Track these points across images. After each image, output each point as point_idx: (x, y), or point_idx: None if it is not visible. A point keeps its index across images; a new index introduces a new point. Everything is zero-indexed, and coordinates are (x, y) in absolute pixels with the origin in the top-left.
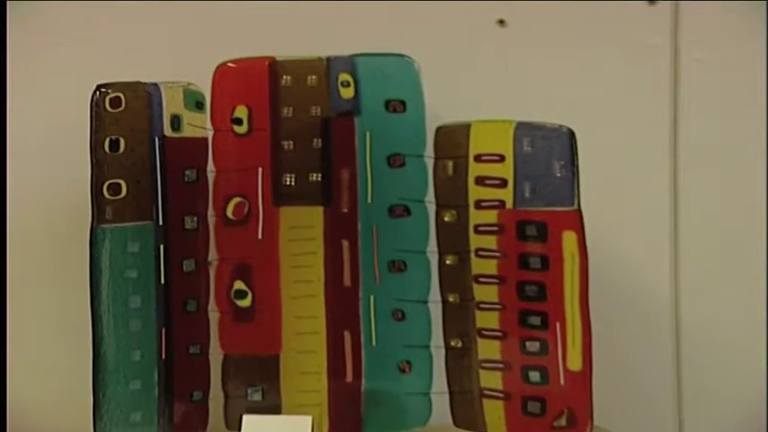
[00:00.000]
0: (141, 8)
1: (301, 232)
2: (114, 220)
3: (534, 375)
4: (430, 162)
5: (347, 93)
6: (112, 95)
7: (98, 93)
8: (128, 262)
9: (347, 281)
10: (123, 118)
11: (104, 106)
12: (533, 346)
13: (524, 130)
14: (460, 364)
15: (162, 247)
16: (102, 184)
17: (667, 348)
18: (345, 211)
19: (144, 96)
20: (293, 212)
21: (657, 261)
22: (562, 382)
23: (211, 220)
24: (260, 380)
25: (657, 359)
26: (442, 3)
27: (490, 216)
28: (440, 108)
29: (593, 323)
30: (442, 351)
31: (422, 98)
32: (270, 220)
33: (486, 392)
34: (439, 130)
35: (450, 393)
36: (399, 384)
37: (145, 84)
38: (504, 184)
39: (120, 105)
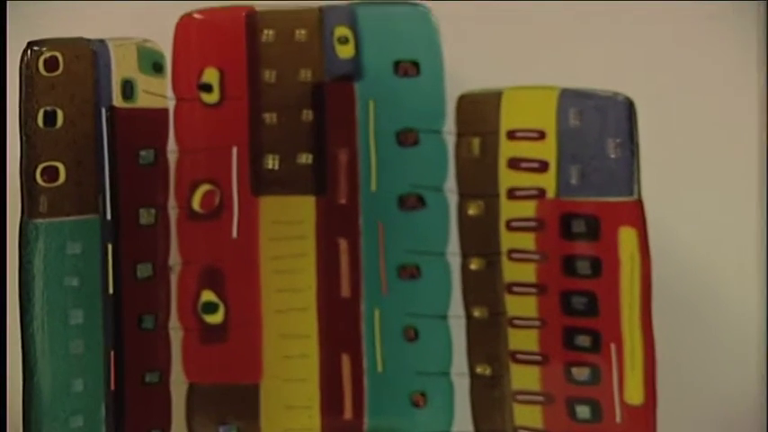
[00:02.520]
0: None
1: (287, 229)
2: (50, 213)
3: (583, 411)
4: (450, 139)
5: (346, 51)
6: (47, 55)
7: (29, 52)
8: (67, 266)
9: (346, 290)
10: (61, 84)
11: (37, 69)
12: (582, 373)
13: (570, 98)
14: (490, 396)
15: (110, 247)
16: (35, 167)
17: (753, 375)
18: (343, 202)
19: (88, 56)
20: (277, 203)
21: (741, 264)
22: (618, 419)
23: (173, 212)
24: (235, 416)
25: (740, 389)
26: None
27: (527, 208)
28: (463, 71)
29: (658, 344)
30: (467, 380)
31: (440, 58)
32: (247, 214)
33: None
34: (462, 99)
35: None
36: (411, 422)
37: (88, 40)
38: (544, 167)
39: (57, 68)
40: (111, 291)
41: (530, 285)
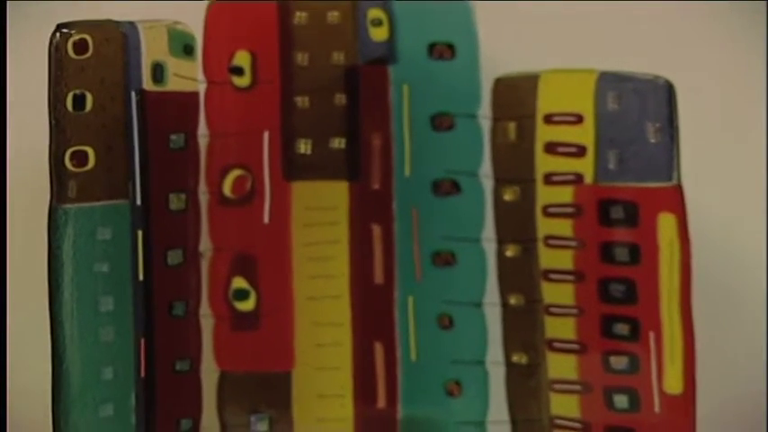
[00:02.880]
0: None
1: (320, 215)
2: (79, 198)
3: (621, 400)
4: (486, 124)
5: (379, 34)
6: (77, 38)
7: (58, 34)
8: (97, 252)
9: (379, 277)
10: (91, 67)
11: (66, 52)
12: (620, 362)
13: (609, 82)
14: (526, 385)
15: (140, 233)
16: (64, 152)
17: None
18: (377, 187)
19: (118, 38)
20: (309, 189)
21: None
22: (657, 408)
23: (204, 198)
24: (266, 405)
25: None
26: None
27: (564, 194)
28: (499, 54)
29: (698, 333)
30: (502, 368)
31: (476, 41)
32: (279, 199)
33: (559, 422)
34: (498, 82)
35: (513, 423)
36: (446, 411)
37: (118, 23)
38: (582, 152)
39: (86, 51)
40: (141, 277)
41: (567, 272)
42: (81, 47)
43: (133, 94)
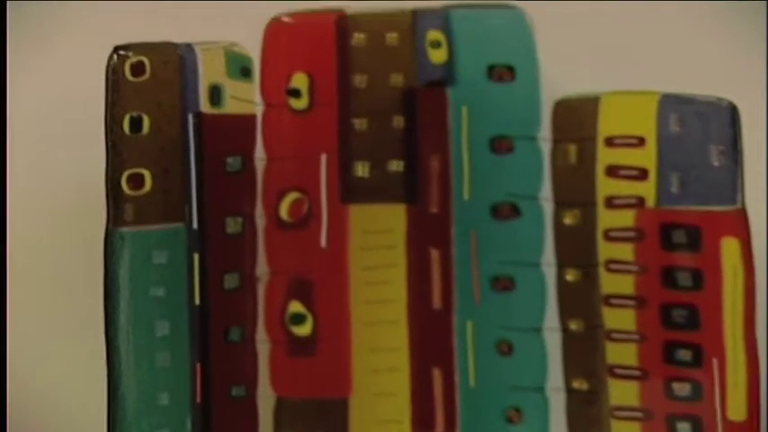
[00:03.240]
0: None
1: (378, 238)
2: (136, 221)
3: (684, 428)
4: (546, 146)
5: (438, 56)
6: (134, 60)
7: (115, 56)
8: (153, 276)
9: (437, 302)
10: (148, 89)
11: (124, 74)
12: (683, 389)
13: (671, 104)
14: (587, 412)
15: (197, 257)
16: (121, 174)
17: None
18: (435, 210)
19: (175, 61)
20: (367, 212)
21: None
22: None
23: (261, 221)
24: (323, 431)
25: None
26: None
27: (626, 218)
28: (559, 76)
29: (763, 359)
30: (563, 395)
31: (536, 63)
32: (336, 223)
33: None
34: (558, 104)
35: None
36: None
37: (176, 45)
38: (644, 175)
39: (143, 73)
40: (197, 302)
41: (628, 298)
42: (138, 69)
43: (190, 116)
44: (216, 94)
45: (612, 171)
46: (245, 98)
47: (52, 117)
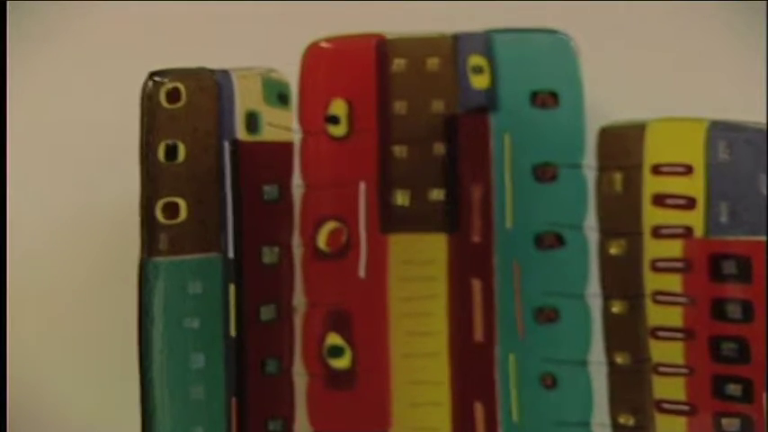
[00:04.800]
0: None
1: (418, 269)
2: (170, 251)
3: None
4: (591, 174)
5: (481, 81)
6: (170, 86)
7: (151, 83)
8: (188, 307)
9: (479, 334)
10: (183, 116)
11: (159, 100)
12: (732, 424)
13: (720, 131)
14: None
15: (233, 287)
16: (155, 203)
17: None
18: (477, 240)
19: (211, 87)
20: (407, 242)
21: None
22: None
23: (298, 251)
24: None
25: None
26: None
27: (673, 248)
28: (604, 102)
29: None
30: (608, 431)
31: (580, 89)
32: (376, 253)
33: None
34: (604, 131)
35: None
36: None
37: (212, 71)
38: (691, 204)
39: (179, 99)
40: (233, 333)
41: (676, 330)
42: (174, 95)
43: (226, 144)
44: (253, 121)
45: (659, 200)
46: (283, 125)
47: (86, 143)
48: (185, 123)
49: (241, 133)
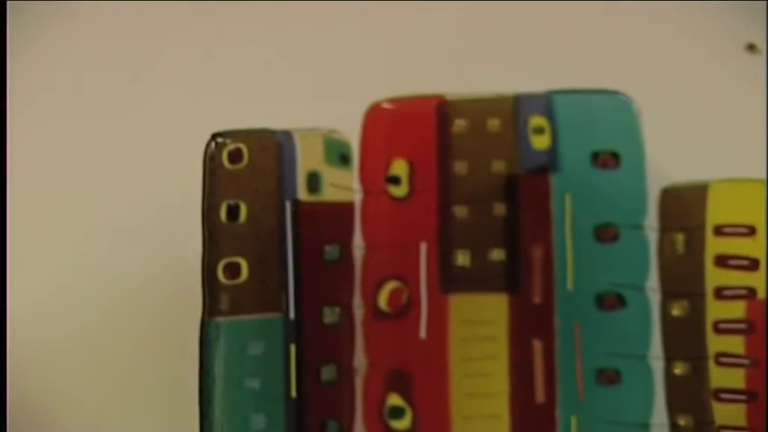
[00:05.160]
0: (263, 30)
1: (479, 329)
2: (232, 311)
3: None
4: (653, 235)
5: (541, 142)
6: (232, 147)
7: (213, 143)
8: (249, 368)
9: (540, 396)
10: (245, 176)
11: (221, 161)
12: None
13: None
14: None
15: (293, 347)
16: (217, 263)
17: None
18: (538, 300)
19: (273, 148)
20: (468, 302)
21: None
22: None
23: (359, 311)
24: None
25: None
26: (669, 22)
27: (736, 309)
28: (666, 163)
29: None
30: None
31: (642, 150)
32: (436, 313)
33: None
34: (665, 192)
35: None
36: None
37: (274, 131)
38: (754, 265)
39: (241, 160)
40: (293, 394)
41: (739, 392)
42: (236, 156)
43: (288, 204)
44: (314, 181)
45: (721, 261)
46: (344, 185)
47: (147, 203)
48: (247, 184)
49: (302, 193)
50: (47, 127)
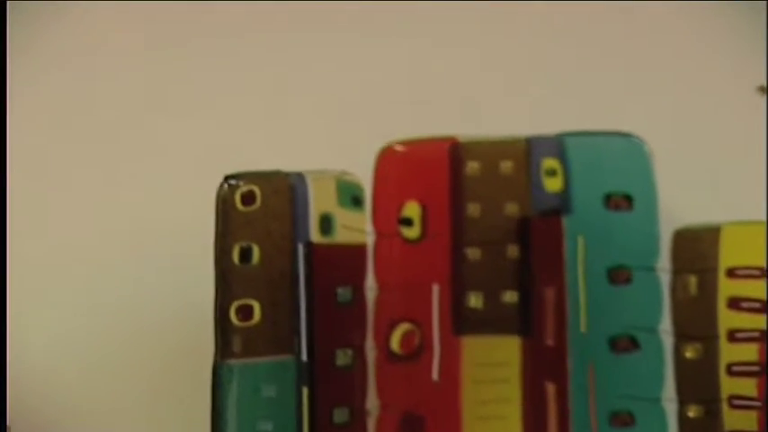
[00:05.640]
0: (277, 71)
1: (491, 371)
2: (244, 353)
3: None
4: (666, 277)
5: (554, 184)
6: (245, 189)
7: (226, 185)
8: (262, 410)
9: None
10: (258, 219)
11: (234, 203)
12: None
13: None
14: None
15: (306, 390)
16: (229, 305)
17: None
18: (551, 343)
19: (285, 190)
20: (480, 344)
21: None
22: None
23: (371, 354)
24: None
25: None
26: (681, 65)
27: (749, 352)
28: (677, 205)
29: None
30: None
31: (654, 192)
32: (449, 355)
33: None
34: (678, 234)
35: None
36: None
37: (287, 173)
38: (766, 308)
39: (254, 202)
40: None
41: None
42: (248, 199)
43: (300, 246)
44: (326, 223)
45: (734, 303)
46: (356, 227)
47: (158, 244)
48: (260, 226)
49: (315, 235)
50: (57, 160)
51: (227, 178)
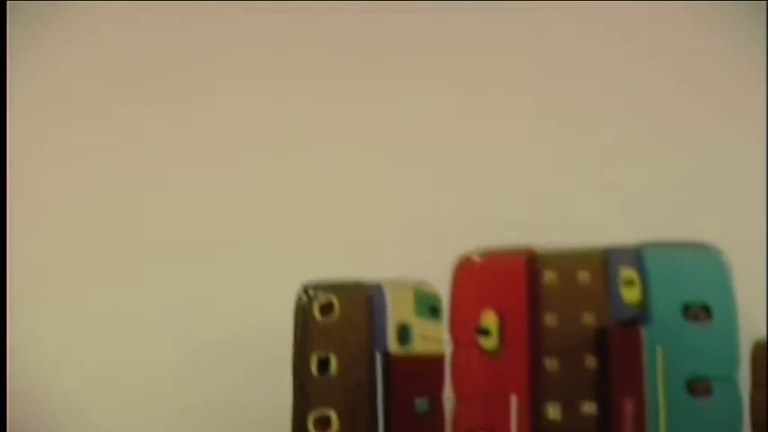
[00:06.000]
0: (350, 183)
1: None
2: None
3: None
4: (745, 388)
5: (632, 295)
6: (323, 300)
7: (305, 296)
8: None
9: None
10: (336, 329)
11: (312, 313)
12: None
13: None
14: None
15: None
16: (307, 415)
17: None
18: None
19: (363, 301)
20: None
21: None
22: None
23: None
24: None
25: None
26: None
27: None
28: (756, 315)
29: None
30: None
31: (733, 302)
32: None
33: None
34: (758, 345)
35: None
36: None
37: (365, 284)
38: None
39: (332, 312)
40: None
41: None
42: (327, 309)
43: (378, 356)
44: (404, 333)
45: None
46: (434, 337)
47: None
48: (338, 336)
49: (393, 345)
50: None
51: (305, 288)
